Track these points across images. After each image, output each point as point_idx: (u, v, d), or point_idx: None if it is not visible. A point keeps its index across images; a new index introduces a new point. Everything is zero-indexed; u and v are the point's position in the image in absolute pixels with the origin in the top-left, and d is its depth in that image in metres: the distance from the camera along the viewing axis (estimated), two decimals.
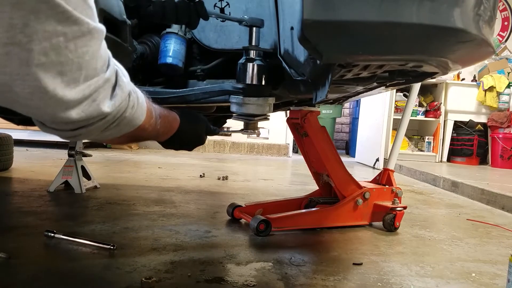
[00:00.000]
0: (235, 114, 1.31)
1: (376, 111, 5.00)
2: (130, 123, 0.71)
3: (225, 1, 1.24)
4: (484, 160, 5.23)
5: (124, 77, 0.67)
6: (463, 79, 5.43)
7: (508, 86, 5.02)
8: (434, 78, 1.31)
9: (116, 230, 1.55)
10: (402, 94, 4.94)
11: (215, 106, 1.51)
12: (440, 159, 5.17)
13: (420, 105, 5.23)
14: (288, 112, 1.86)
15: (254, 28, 1.15)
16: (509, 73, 5.23)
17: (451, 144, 5.16)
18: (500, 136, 4.90)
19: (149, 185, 2.57)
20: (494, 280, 1.29)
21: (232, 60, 1.25)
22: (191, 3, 1.08)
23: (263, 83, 1.19)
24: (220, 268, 1.23)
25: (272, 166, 4.28)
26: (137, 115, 0.72)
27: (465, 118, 5.17)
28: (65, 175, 2.16)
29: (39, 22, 0.48)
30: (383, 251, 1.52)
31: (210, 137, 1.24)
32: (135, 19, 1.23)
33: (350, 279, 1.21)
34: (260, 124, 1.45)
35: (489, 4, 1.02)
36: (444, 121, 5.16)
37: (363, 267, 1.33)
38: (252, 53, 1.17)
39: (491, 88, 4.99)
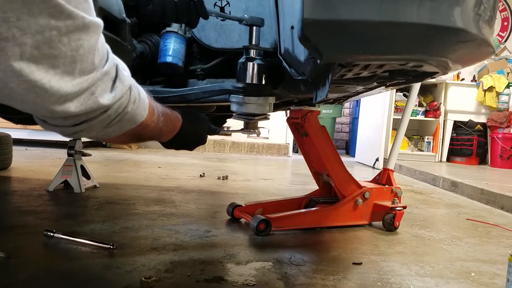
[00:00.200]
0: (235, 114, 1.31)
1: (376, 111, 5.01)
2: (132, 118, 0.71)
3: (225, 0, 1.24)
4: (484, 160, 5.24)
5: (124, 71, 0.67)
6: (462, 79, 5.44)
7: (507, 86, 5.02)
8: (434, 78, 1.31)
9: (115, 229, 1.55)
10: (402, 94, 4.94)
11: (215, 106, 1.50)
12: (439, 159, 5.17)
13: (420, 105, 5.23)
14: (288, 111, 1.86)
15: (254, 27, 1.15)
16: (508, 73, 5.23)
17: (450, 144, 5.17)
18: (500, 136, 4.91)
19: (149, 185, 2.57)
20: (493, 279, 1.29)
21: (232, 59, 1.25)
22: (191, 2, 1.08)
23: (263, 82, 1.19)
24: (220, 268, 1.23)
25: (272, 166, 4.28)
26: (139, 110, 0.72)
27: (464, 118, 5.17)
28: (64, 174, 2.16)
29: (32, 16, 0.48)
30: (382, 250, 1.52)
31: (210, 136, 1.24)
32: (134, 18, 1.23)
33: (350, 279, 1.21)
34: (260, 123, 1.45)
35: (489, 4, 1.02)
36: (444, 121, 5.16)
37: (363, 266, 1.33)
38: (252, 52, 1.17)
39: (490, 88, 5.00)
